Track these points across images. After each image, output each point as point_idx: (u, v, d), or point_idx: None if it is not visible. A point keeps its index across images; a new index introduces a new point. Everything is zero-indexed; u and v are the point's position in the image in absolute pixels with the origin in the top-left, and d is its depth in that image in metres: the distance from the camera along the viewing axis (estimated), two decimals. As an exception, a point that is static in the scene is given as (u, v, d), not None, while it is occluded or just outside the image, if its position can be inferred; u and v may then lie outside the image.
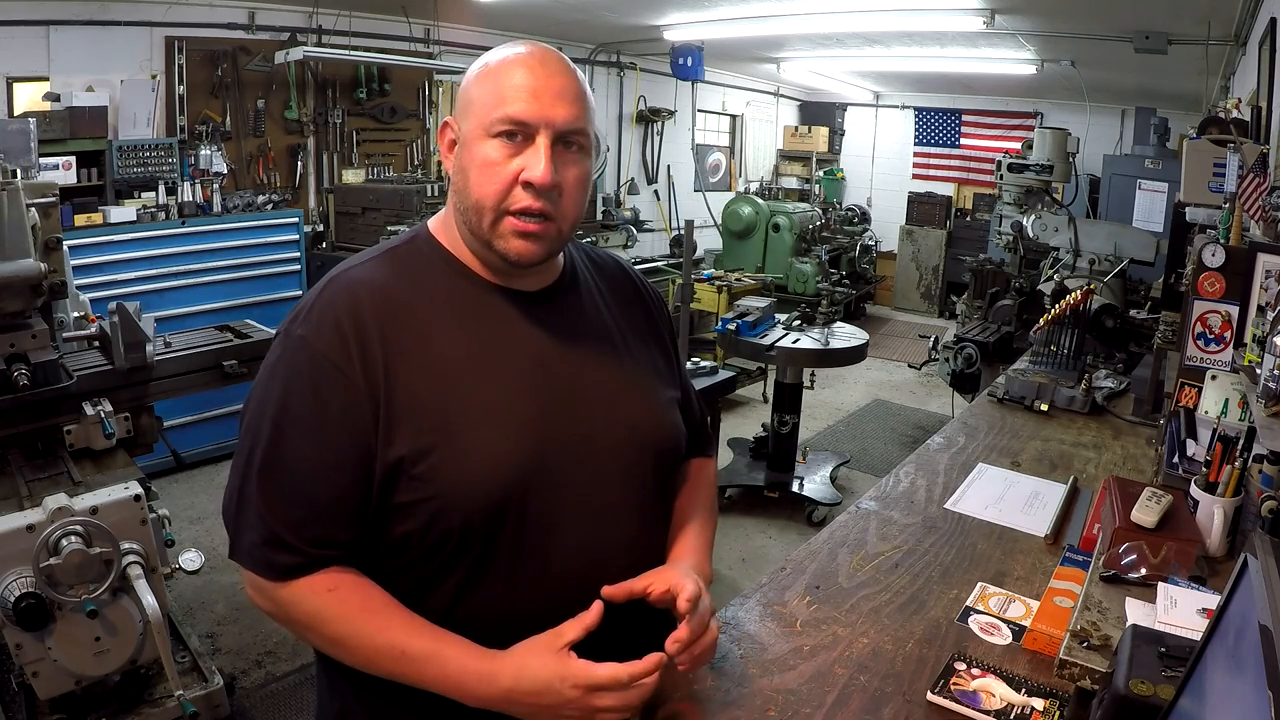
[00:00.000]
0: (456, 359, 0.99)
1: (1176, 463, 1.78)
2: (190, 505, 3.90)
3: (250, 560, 0.97)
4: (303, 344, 0.97)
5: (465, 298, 1.03)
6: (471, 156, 0.98)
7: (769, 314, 4.39)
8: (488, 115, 0.96)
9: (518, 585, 1.00)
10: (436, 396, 0.97)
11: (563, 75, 0.98)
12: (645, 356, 1.16)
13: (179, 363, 2.47)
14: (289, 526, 0.95)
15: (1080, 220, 4.21)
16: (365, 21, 5.33)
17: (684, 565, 1.08)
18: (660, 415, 1.13)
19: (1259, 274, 1.68)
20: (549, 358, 1.04)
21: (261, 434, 0.97)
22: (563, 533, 1.01)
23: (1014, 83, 7.30)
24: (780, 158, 10.16)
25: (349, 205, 5.12)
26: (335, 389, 0.95)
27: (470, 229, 1.01)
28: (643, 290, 1.24)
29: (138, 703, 2.10)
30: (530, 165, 0.96)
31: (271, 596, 0.98)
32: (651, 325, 1.21)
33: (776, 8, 5.14)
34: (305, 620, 0.97)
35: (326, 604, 0.96)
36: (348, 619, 0.96)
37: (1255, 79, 3.13)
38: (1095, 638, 1.08)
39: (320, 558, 0.96)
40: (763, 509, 4.16)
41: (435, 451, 0.95)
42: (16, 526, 1.72)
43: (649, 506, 1.10)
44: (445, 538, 0.97)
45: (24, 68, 4.15)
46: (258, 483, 0.96)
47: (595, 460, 1.04)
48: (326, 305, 0.99)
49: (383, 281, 1.01)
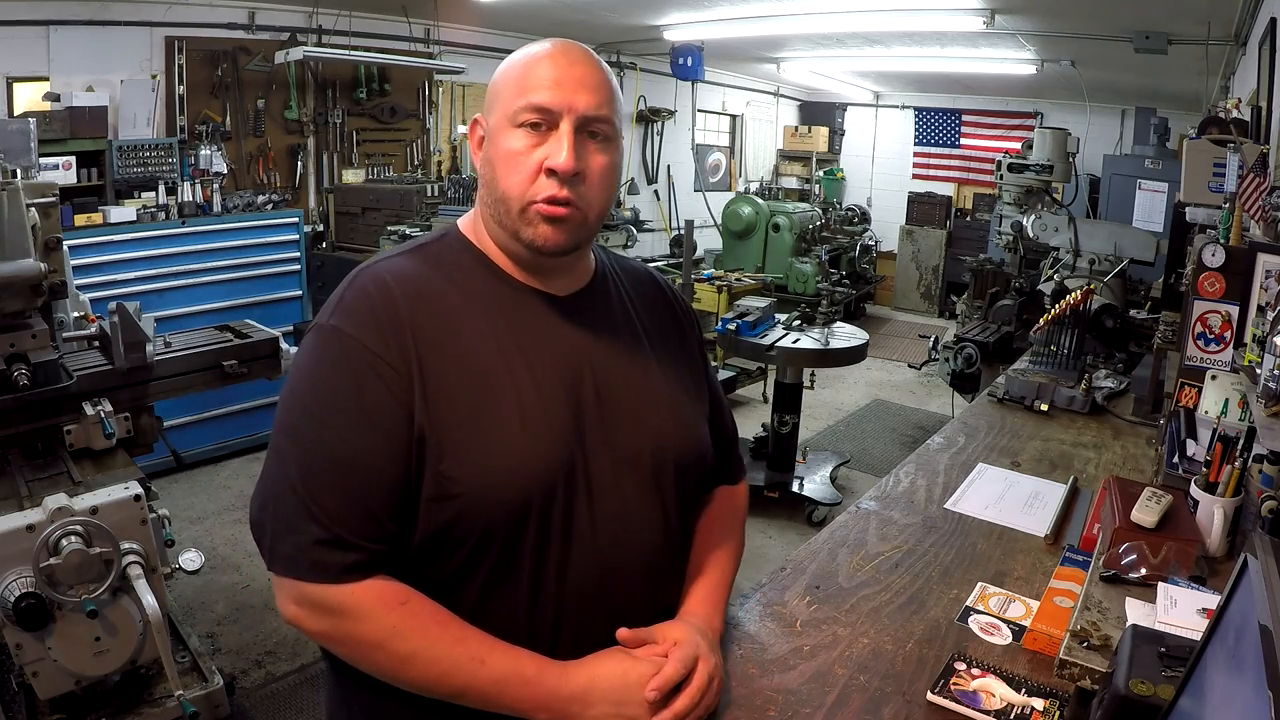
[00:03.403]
0: (488, 355, 0.98)
1: (1176, 463, 1.78)
2: (190, 505, 3.89)
3: (298, 566, 0.91)
4: (338, 334, 0.95)
5: (497, 296, 1.02)
6: (497, 149, 0.98)
7: (769, 314, 4.39)
8: (511, 105, 0.97)
9: (537, 592, 0.98)
10: (467, 391, 0.95)
11: (585, 64, 0.98)
12: (673, 367, 1.14)
13: (179, 363, 2.47)
14: (343, 522, 0.91)
15: (1080, 220, 4.21)
16: (365, 21, 5.33)
17: (696, 628, 1.05)
18: (686, 427, 1.12)
19: (1259, 274, 1.68)
20: (579, 362, 1.02)
21: (303, 431, 0.94)
22: (583, 540, 0.99)
23: (1014, 83, 7.30)
24: (780, 158, 10.16)
25: (349, 205, 5.13)
26: (376, 376, 0.93)
27: (499, 222, 1.00)
28: (674, 301, 1.22)
29: (138, 703, 2.10)
30: (553, 153, 0.95)
31: (328, 605, 0.91)
32: (682, 337, 1.19)
33: (776, 8, 5.14)
34: (376, 636, 0.92)
35: (402, 618, 0.92)
36: (424, 632, 0.92)
37: (1255, 79, 3.13)
38: (1095, 638, 1.08)
39: (377, 554, 0.93)
40: (763, 509, 4.17)
41: (463, 448, 0.94)
42: (16, 526, 1.72)
43: (670, 519, 1.08)
44: (465, 538, 0.95)
45: (24, 68, 4.15)
46: (302, 481, 0.91)
47: (619, 468, 1.02)
48: (358, 295, 0.97)
49: (413, 274, 1.00)
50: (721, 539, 1.19)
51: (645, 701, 0.94)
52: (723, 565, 1.17)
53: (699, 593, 1.12)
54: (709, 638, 1.05)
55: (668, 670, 0.97)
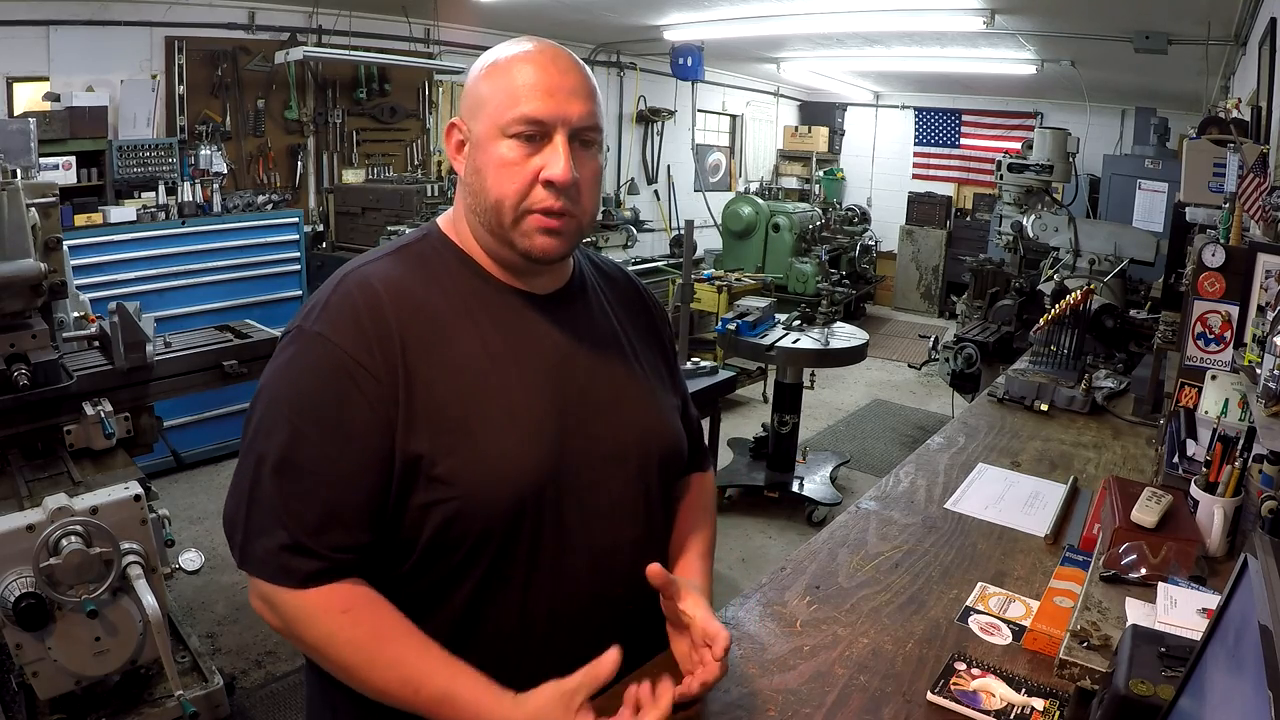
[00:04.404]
0: (475, 357, 0.98)
1: (1176, 463, 1.78)
2: (190, 505, 3.89)
3: (264, 568, 0.93)
4: (320, 340, 0.94)
5: (480, 297, 1.02)
6: (487, 157, 0.97)
7: (769, 314, 4.39)
8: (502, 115, 0.95)
9: (533, 590, 0.99)
10: (456, 395, 0.95)
11: (574, 72, 0.98)
12: (650, 362, 1.17)
13: (179, 363, 2.47)
14: (310, 531, 0.91)
15: (1080, 220, 4.21)
16: (365, 21, 5.33)
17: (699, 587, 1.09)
18: (667, 422, 1.15)
19: (1259, 274, 1.68)
20: (564, 360, 1.04)
21: (276, 435, 0.93)
22: (574, 536, 1.01)
23: (1014, 83, 7.30)
24: (780, 158, 10.16)
25: (349, 205, 5.13)
26: (357, 386, 0.92)
27: (489, 229, 1.00)
28: (646, 298, 1.25)
29: (138, 703, 2.10)
30: (550, 164, 0.95)
31: (282, 610, 0.93)
32: (654, 332, 1.23)
33: (776, 8, 5.14)
34: (315, 642, 0.93)
35: (340, 627, 0.92)
36: (360, 647, 0.92)
37: (1255, 79, 3.13)
38: (1095, 638, 1.08)
39: (341, 563, 0.93)
40: (763, 509, 4.16)
41: (456, 452, 0.94)
42: (16, 526, 1.72)
43: (653, 509, 1.11)
44: (460, 541, 0.95)
45: (24, 68, 4.15)
46: (275, 485, 0.92)
47: (605, 463, 1.04)
48: (343, 300, 0.96)
49: (398, 277, 0.99)
50: (700, 522, 1.22)
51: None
52: (705, 541, 1.20)
53: (690, 561, 1.15)
54: (705, 595, 1.08)
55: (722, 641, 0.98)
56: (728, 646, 0.99)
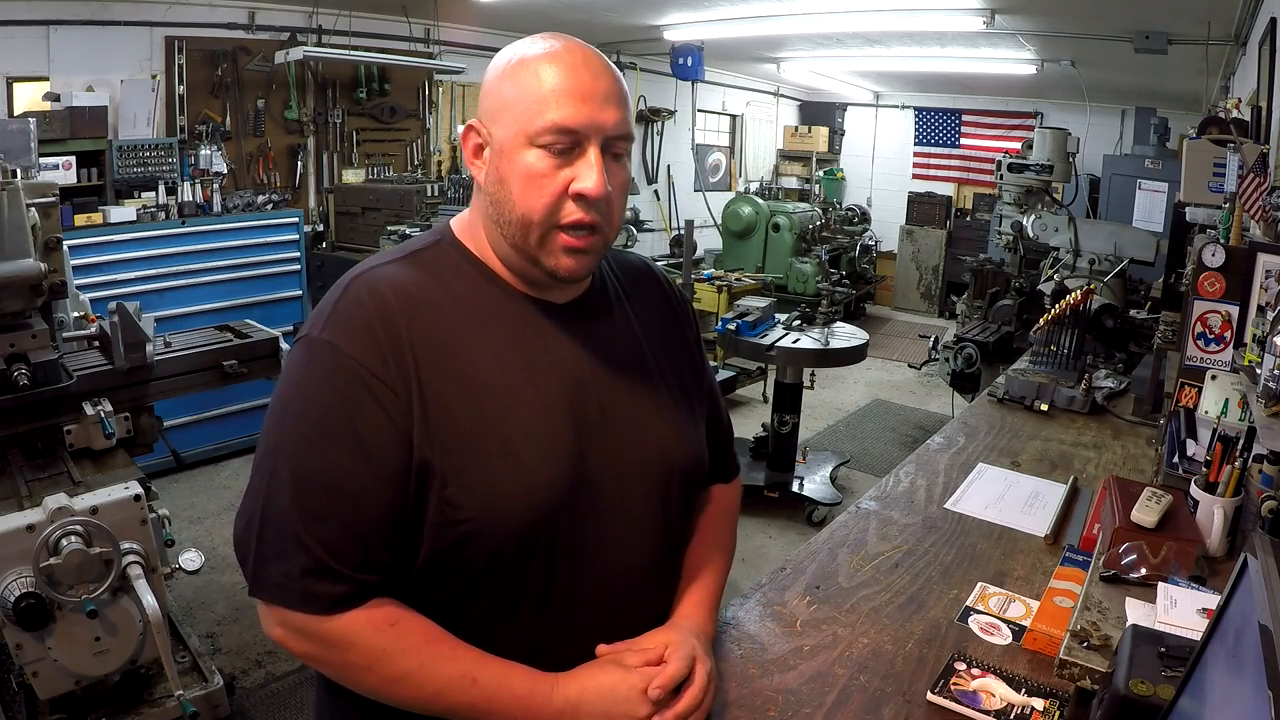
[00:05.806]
0: (488, 370, 0.93)
1: (1176, 463, 1.78)
2: (190, 505, 3.89)
3: (286, 594, 0.87)
4: (331, 349, 0.88)
5: (496, 307, 0.97)
6: (513, 166, 0.90)
7: (769, 314, 4.39)
8: (530, 122, 0.89)
9: (545, 610, 0.96)
10: (469, 409, 0.90)
11: (607, 75, 0.92)
12: (673, 372, 1.10)
13: (179, 363, 2.47)
14: (334, 552, 0.86)
15: (1080, 220, 4.21)
16: (365, 21, 5.33)
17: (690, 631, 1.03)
18: (689, 436, 1.09)
19: (1259, 274, 1.68)
20: (582, 375, 0.98)
21: (291, 452, 0.88)
22: (590, 557, 0.97)
23: (1014, 83, 7.30)
24: (780, 158, 10.16)
25: (349, 205, 5.13)
26: (374, 399, 0.87)
27: (513, 243, 0.94)
28: (670, 295, 1.18)
29: (138, 703, 2.10)
30: (582, 176, 0.89)
31: (315, 635, 0.88)
32: (679, 333, 1.16)
33: (776, 8, 5.14)
34: (365, 660, 0.89)
35: (391, 640, 0.88)
36: (415, 652, 0.89)
37: (1255, 79, 3.13)
38: (1095, 638, 1.08)
39: (368, 584, 0.88)
40: (763, 509, 4.16)
41: (468, 471, 0.89)
42: (16, 526, 1.72)
43: (672, 528, 1.07)
44: (471, 562, 0.91)
45: (24, 68, 4.15)
46: (293, 506, 0.86)
47: (624, 482, 1.00)
48: (352, 306, 0.91)
49: (409, 283, 0.93)
50: (716, 540, 1.18)
51: (634, 715, 0.92)
52: (716, 568, 1.15)
53: (693, 597, 1.10)
54: (702, 641, 1.03)
55: (670, 669, 0.95)
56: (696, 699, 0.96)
